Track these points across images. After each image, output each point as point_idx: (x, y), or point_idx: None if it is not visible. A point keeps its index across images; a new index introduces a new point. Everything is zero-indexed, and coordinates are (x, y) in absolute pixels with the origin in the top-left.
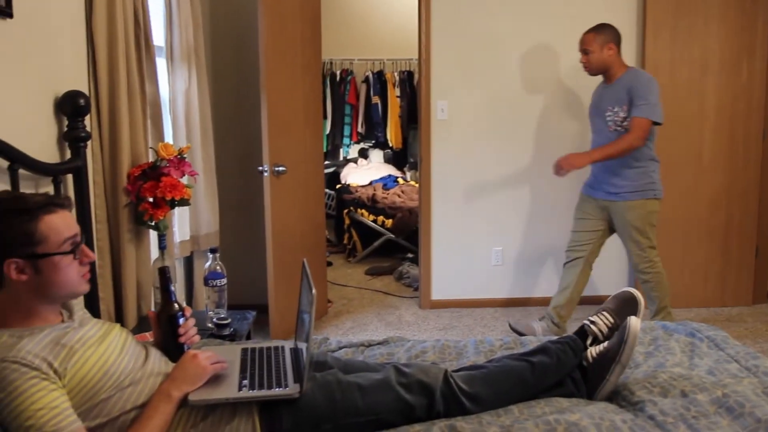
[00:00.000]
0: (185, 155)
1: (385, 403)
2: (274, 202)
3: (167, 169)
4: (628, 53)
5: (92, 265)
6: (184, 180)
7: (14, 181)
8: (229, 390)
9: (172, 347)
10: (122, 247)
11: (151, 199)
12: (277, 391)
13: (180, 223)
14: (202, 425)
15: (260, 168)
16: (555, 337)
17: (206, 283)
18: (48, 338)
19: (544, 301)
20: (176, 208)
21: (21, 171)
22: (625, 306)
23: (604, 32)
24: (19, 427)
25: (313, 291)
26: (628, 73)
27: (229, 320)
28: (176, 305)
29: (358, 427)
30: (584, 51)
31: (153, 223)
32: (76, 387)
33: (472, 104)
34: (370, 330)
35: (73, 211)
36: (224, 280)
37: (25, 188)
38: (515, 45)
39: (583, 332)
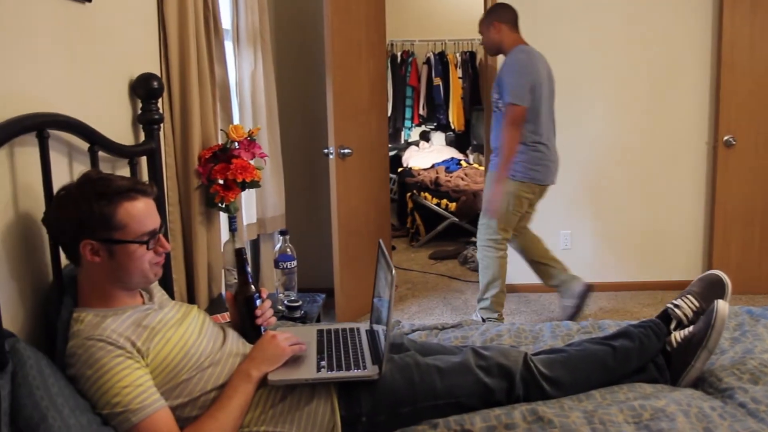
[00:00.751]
0: (255, 137)
1: (465, 386)
2: (339, 184)
3: (237, 151)
4: (702, 28)
5: (168, 253)
6: (254, 162)
7: (94, 163)
8: (308, 371)
9: (249, 329)
10: (194, 230)
11: (221, 182)
12: (356, 373)
13: (246, 206)
14: (281, 406)
15: (325, 150)
16: (635, 322)
17: (276, 266)
18: (130, 319)
19: (615, 287)
20: (244, 191)
21: (99, 153)
22: (711, 289)
23: (492, 13)
24: (106, 404)
25: (393, 271)
26: (508, 54)
27: (299, 302)
28: (253, 287)
29: (436, 410)
30: (480, 33)
31: (223, 206)
32: (158, 367)
33: None
34: (436, 314)
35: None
36: (294, 263)
37: (103, 170)
38: (582, 21)
39: (666, 316)
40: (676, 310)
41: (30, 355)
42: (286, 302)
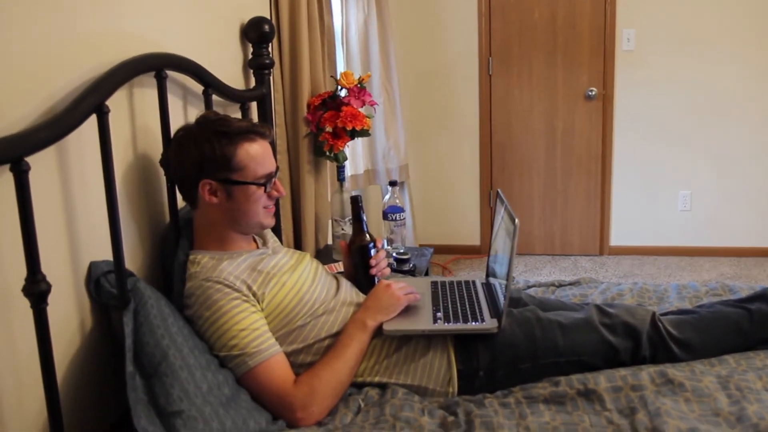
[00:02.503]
0: (365, 84)
1: (588, 344)
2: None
3: (347, 99)
4: None
5: (277, 200)
6: (364, 110)
7: (208, 106)
8: (424, 322)
9: (362, 278)
10: (302, 179)
11: (330, 130)
12: (474, 326)
13: (353, 156)
14: (396, 357)
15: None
16: None
17: (385, 217)
18: (245, 263)
19: (738, 252)
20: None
21: (212, 97)
22: None
23: None
24: (223, 347)
25: (516, 221)
26: None
27: (408, 255)
28: (368, 236)
29: (557, 367)
30: None
31: (332, 155)
32: (273, 312)
33: (664, 35)
34: (544, 275)
35: None
36: (404, 215)
37: None
38: None
39: None
40: None
41: (150, 294)
42: (394, 255)
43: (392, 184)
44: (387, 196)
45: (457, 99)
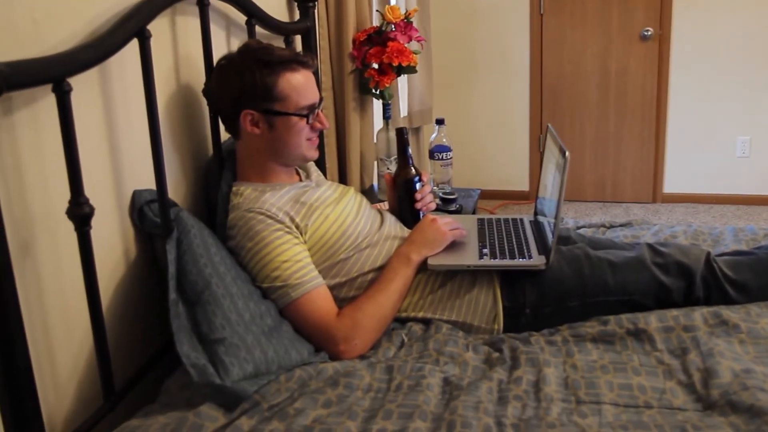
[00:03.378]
0: (412, 19)
1: (639, 283)
2: None
3: (394, 34)
4: None
5: (321, 132)
6: (412, 45)
7: (251, 37)
8: (470, 257)
9: (407, 212)
10: (347, 116)
11: (376, 66)
12: (521, 262)
13: (403, 95)
14: (440, 292)
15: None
16: None
17: (432, 156)
18: (288, 195)
19: None
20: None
21: (256, 28)
22: None
23: None
24: (266, 278)
25: (567, 154)
26: None
27: (455, 195)
28: (413, 169)
29: (606, 306)
30: None
31: (378, 92)
32: (316, 244)
33: None
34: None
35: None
36: (450, 154)
37: None
38: None
39: None
40: None
41: (193, 224)
42: (440, 194)
43: (439, 122)
44: (434, 135)
45: (507, 39)
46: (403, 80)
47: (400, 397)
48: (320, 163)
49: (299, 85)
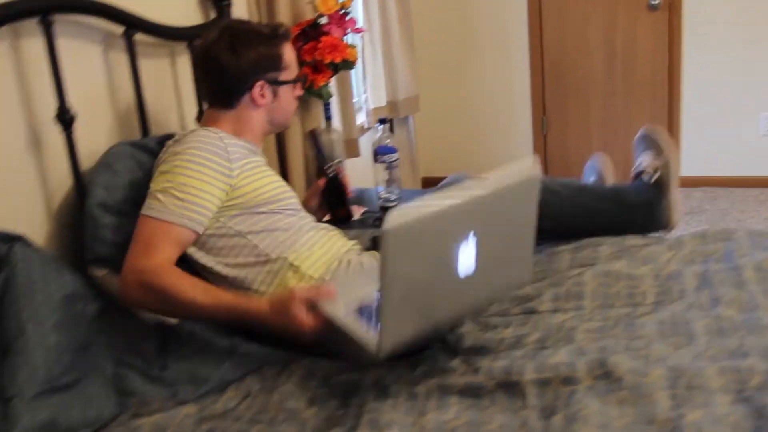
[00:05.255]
0: (348, 9)
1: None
2: None
3: (328, 27)
4: None
5: None
6: (349, 39)
7: (129, 51)
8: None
9: (336, 206)
10: None
11: (310, 63)
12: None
13: (375, 87)
14: None
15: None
16: None
17: (375, 159)
18: (245, 149)
19: None
20: (342, 71)
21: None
22: None
23: None
24: (160, 182)
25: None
26: None
27: (395, 203)
28: (331, 167)
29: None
30: None
31: (314, 92)
32: (240, 190)
33: None
34: None
35: None
36: (396, 155)
37: (151, 55)
38: None
39: None
40: None
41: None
42: (381, 203)
43: (381, 122)
44: (378, 135)
45: (503, 12)
46: (373, 65)
47: None
48: None
49: (293, 55)
